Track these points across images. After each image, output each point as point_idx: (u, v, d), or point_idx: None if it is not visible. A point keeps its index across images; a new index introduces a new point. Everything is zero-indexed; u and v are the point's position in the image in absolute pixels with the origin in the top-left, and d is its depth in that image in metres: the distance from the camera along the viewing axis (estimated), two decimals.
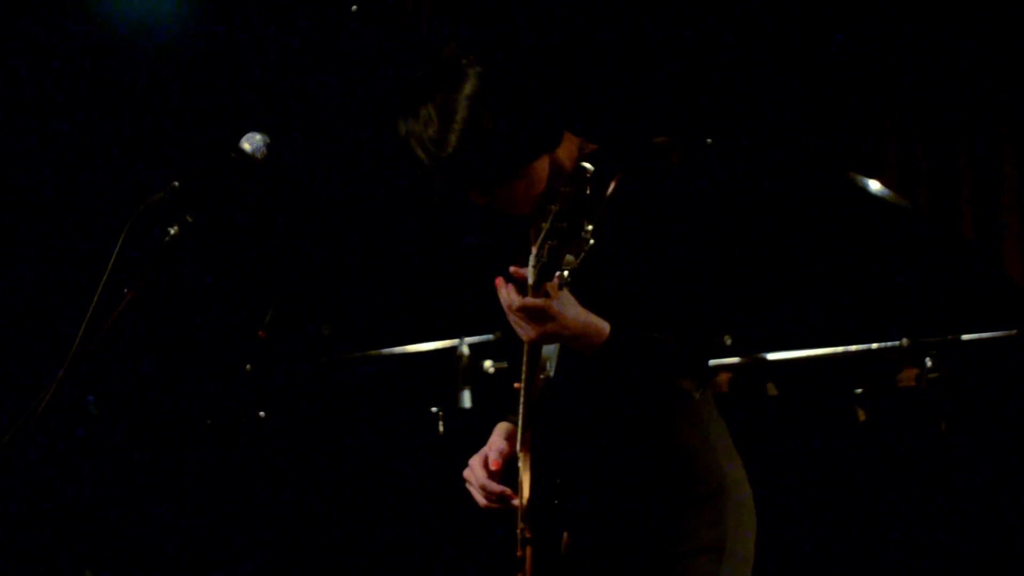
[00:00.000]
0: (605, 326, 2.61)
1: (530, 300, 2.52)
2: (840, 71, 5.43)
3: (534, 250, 2.48)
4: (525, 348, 2.68)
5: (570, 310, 2.56)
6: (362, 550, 4.75)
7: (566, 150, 2.78)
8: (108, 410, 5.26)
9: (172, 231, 2.75)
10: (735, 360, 4.63)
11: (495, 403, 4.91)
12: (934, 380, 4.22)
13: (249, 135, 2.83)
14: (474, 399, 4.92)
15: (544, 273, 2.47)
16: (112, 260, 2.70)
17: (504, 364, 4.95)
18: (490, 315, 2.75)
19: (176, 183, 2.74)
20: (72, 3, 5.26)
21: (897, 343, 4.34)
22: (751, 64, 5.45)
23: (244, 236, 5.26)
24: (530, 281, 2.51)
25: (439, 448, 4.60)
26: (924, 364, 4.24)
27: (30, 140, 5.26)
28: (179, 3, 5.40)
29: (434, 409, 4.67)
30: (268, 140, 2.82)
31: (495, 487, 2.84)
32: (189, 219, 2.76)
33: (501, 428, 2.94)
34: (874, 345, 4.41)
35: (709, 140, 4.38)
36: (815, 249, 4.59)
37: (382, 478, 4.74)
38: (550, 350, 2.74)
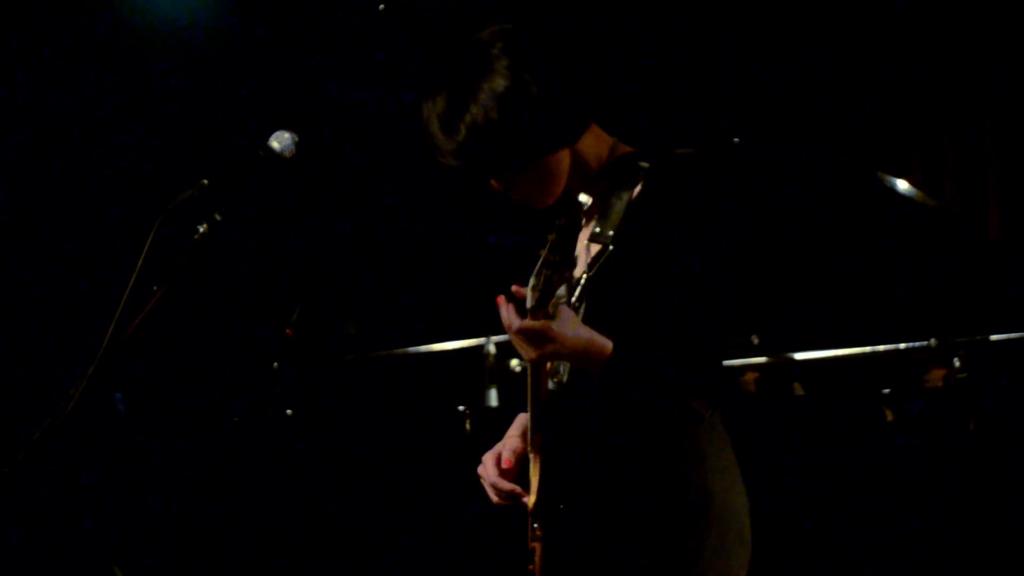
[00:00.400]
0: (607, 345, 2.60)
1: (528, 323, 2.52)
2: (867, 72, 5.41)
3: (534, 273, 2.49)
4: (528, 365, 2.69)
5: (570, 330, 2.56)
6: (388, 547, 4.76)
7: (593, 147, 2.78)
8: (135, 408, 5.28)
9: (201, 229, 2.76)
10: (762, 360, 4.62)
11: (521, 401, 4.92)
12: (962, 380, 4.20)
13: (277, 133, 2.84)
14: (501, 398, 4.92)
15: (541, 300, 2.49)
16: (141, 257, 2.71)
17: None
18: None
19: (205, 181, 2.75)
20: (102, 2, 5.28)
21: (925, 343, 4.32)
22: (778, 65, 5.44)
23: (272, 234, 5.27)
24: (528, 305, 2.52)
25: (466, 447, 4.60)
26: (952, 364, 4.23)
27: (60, 138, 5.28)
28: (209, 1, 5.42)
29: (461, 408, 4.67)
30: (296, 138, 2.83)
31: (506, 485, 2.86)
32: (217, 217, 2.77)
33: (519, 422, 2.95)
34: (902, 345, 4.39)
35: (736, 140, 4.37)
36: (843, 249, 4.58)
37: (409, 476, 4.75)
38: None
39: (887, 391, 4.26)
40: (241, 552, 5.04)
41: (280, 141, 2.83)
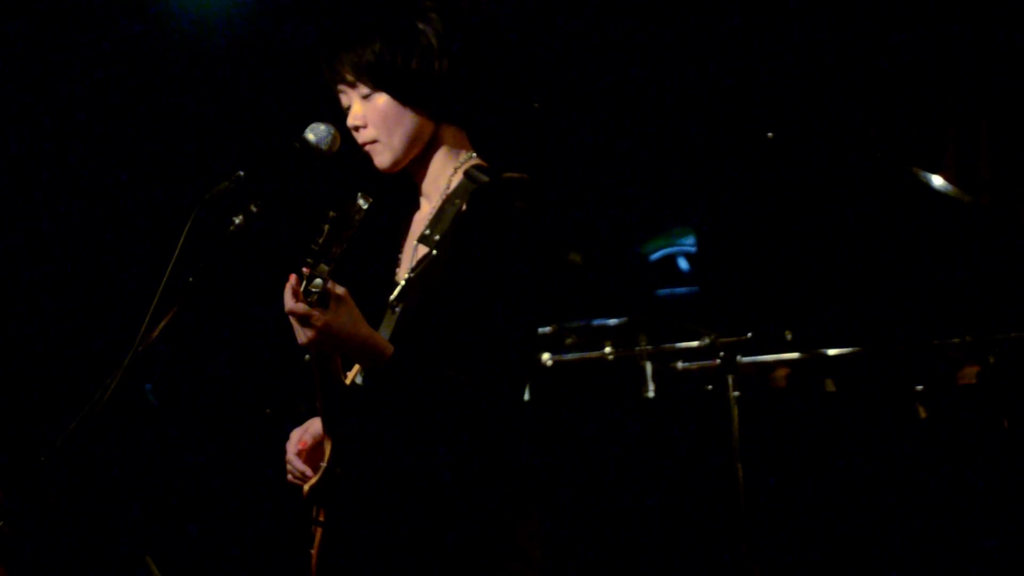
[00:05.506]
0: (388, 349, 2.62)
1: (297, 306, 2.53)
2: (901, 64, 5.40)
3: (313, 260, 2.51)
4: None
5: (345, 325, 2.56)
6: None
7: (449, 147, 2.85)
8: (167, 399, 5.30)
9: (237, 220, 2.77)
10: (793, 355, 4.61)
11: (553, 395, 4.92)
12: (995, 377, 4.19)
13: (314, 125, 2.84)
14: (532, 392, 4.92)
15: (308, 284, 2.50)
16: (178, 249, 2.71)
17: (561, 356, 4.94)
18: (546, 308, 2.76)
19: (241, 173, 2.76)
20: None
21: (958, 340, 4.31)
22: (810, 59, 5.43)
23: (305, 226, 5.27)
24: (301, 287, 2.53)
25: None
26: (986, 361, 4.21)
27: (97, 130, 5.30)
28: None
29: None
30: (333, 131, 2.83)
31: (298, 465, 2.93)
32: (254, 209, 2.77)
33: None
34: (935, 342, 4.38)
35: (770, 135, 4.37)
36: (877, 244, 4.56)
37: None
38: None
39: (920, 388, 4.25)
40: (271, 544, 5.05)
41: (316, 133, 2.83)
